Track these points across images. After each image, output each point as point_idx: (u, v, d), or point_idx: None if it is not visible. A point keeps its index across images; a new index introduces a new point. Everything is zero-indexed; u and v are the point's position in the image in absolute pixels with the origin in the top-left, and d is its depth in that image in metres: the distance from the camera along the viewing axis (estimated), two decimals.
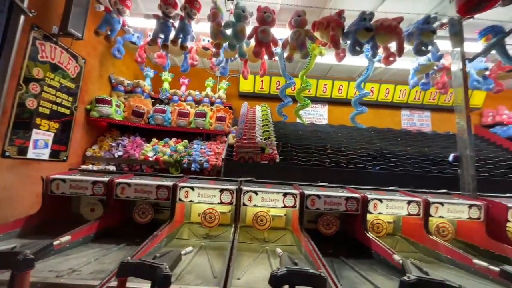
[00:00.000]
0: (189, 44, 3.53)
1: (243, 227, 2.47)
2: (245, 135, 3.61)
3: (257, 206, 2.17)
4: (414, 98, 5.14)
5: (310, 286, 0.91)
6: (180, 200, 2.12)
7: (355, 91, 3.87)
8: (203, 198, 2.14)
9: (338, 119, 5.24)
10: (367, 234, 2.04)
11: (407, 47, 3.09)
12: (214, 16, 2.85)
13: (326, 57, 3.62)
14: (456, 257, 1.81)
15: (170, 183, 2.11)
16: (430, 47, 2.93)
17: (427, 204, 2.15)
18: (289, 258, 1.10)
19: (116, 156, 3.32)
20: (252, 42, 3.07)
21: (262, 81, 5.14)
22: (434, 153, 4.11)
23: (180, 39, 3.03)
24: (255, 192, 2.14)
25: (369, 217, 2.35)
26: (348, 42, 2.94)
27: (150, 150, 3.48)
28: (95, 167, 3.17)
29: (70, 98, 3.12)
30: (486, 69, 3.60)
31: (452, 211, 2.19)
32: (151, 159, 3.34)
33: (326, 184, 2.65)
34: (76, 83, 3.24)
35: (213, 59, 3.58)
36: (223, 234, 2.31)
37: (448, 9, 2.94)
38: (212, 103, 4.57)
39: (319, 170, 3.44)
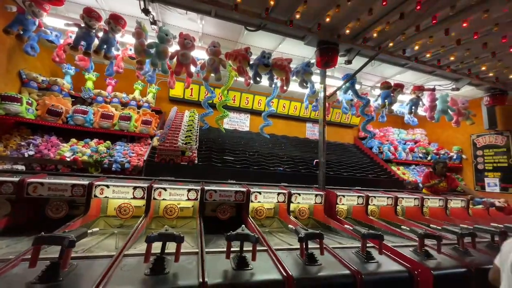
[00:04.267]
0: (115, 52, 3.74)
1: (157, 217, 2.98)
2: (168, 139, 4.07)
3: (165, 199, 2.73)
4: (315, 115, 6.61)
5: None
6: (95, 196, 2.49)
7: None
8: (117, 194, 2.56)
9: (258, 127, 6.22)
10: (248, 217, 2.88)
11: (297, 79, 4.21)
12: (138, 35, 3.23)
13: None
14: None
15: (86, 182, 2.45)
16: (309, 83, 4.08)
17: (290, 194, 3.15)
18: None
19: (26, 155, 3.25)
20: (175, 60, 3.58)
21: (191, 89, 5.64)
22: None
23: (103, 50, 3.26)
24: (164, 189, 2.71)
25: (255, 205, 3.25)
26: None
27: (67, 150, 3.53)
28: None
29: None
30: (352, 100, 5.11)
31: (306, 198, 3.26)
32: (68, 159, 3.42)
33: (233, 181, 3.43)
34: None
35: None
36: (136, 224, 2.77)
37: None
38: (139, 107, 4.79)
39: (231, 171, 4.23)
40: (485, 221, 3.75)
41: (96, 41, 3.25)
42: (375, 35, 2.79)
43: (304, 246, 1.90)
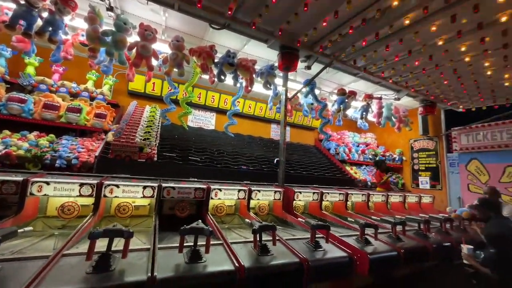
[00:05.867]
0: (63, 36, 3.37)
1: (107, 217, 2.77)
2: (124, 134, 3.81)
3: (118, 197, 2.57)
4: (279, 116, 6.90)
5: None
6: (32, 194, 2.22)
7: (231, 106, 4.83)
8: (60, 192, 2.33)
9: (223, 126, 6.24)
10: (207, 214, 2.88)
11: (261, 81, 4.34)
12: (91, 21, 2.99)
13: None
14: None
15: (19, 178, 2.17)
16: (272, 85, 4.25)
17: (250, 191, 3.24)
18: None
19: None
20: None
21: (154, 83, 5.38)
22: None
23: (48, 32, 2.93)
24: (117, 186, 2.54)
25: (216, 202, 3.24)
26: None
27: None
28: None
29: None
30: (312, 104, 5.46)
31: (265, 195, 3.38)
32: None
33: (195, 179, 3.38)
34: None
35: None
36: (81, 224, 2.54)
37: None
38: (92, 99, 4.37)
39: (194, 168, 4.15)
40: (416, 213, 4.39)
41: (40, 22, 2.91)
42: (329, 45, 3.07)
43: (258, 238, 1.99)
